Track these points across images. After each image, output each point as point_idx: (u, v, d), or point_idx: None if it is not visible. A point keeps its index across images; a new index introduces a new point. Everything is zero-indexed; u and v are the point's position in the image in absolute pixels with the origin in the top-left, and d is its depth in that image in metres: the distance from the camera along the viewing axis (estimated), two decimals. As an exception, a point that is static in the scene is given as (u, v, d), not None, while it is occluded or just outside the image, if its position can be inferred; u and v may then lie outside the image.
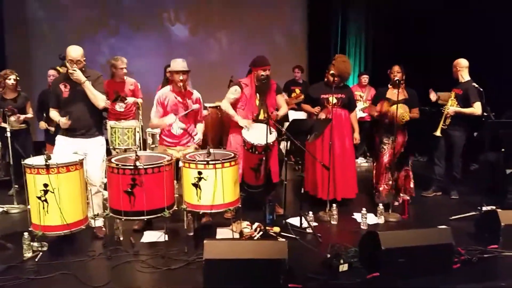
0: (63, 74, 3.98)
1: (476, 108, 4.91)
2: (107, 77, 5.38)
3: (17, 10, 8.10)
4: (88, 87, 3.93)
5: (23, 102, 5.39)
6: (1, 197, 5.17)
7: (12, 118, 5.08)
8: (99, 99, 4.01)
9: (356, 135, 4.96)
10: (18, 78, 5.33)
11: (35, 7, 8.28)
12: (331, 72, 4.66)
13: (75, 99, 3.97)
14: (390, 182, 4.72)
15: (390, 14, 7.98)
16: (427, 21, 7.33)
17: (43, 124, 5.51)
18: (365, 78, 7.26)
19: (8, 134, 4.83)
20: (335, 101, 4.74)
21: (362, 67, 8.99)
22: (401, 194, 4.79)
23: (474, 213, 4.47)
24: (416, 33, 7.44)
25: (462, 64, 5.07)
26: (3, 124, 5.05)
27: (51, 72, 5.45)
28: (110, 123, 5.54)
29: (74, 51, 3.90)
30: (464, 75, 5.07)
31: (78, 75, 3.87)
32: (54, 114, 4.07)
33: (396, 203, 4.74)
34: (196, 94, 4.42)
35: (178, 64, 4.23)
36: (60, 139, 4.05)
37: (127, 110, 5.56)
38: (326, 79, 4.84)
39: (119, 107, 5.46)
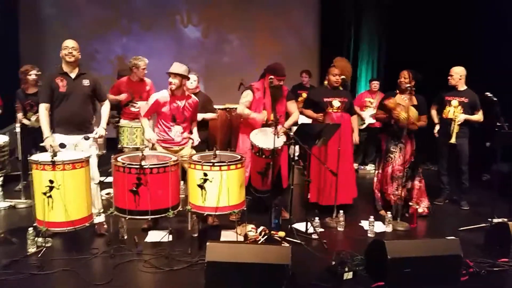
0: (59, 67, 3.96)
1: (481, 116, 5.04)
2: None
3: (31, 8, 8.21)
4: (105, 123, 4.17)
5: None
6: (9, 192, 5.19)
7: (33, 118, 5.07)
8: (109, 110, 4.31)
9: (355, 136, 4.90)
10: (39, 72, 5.28)
11: (48, 4, 8.39)
12: (337, 79, 4.61)
13: (72, 94, 3.95)
14: (397, 192, 4.62)
15: (404, 20, 7.89)
16: (440, 27, 7.25)
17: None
18: (375, 84, 7.19)
19: (18, 129, 4.85)
20: (338, 104, 4.68)
21: (374, 73, 8.91)
22: (410, 203, 4.69)
23: (484, 224, 4.37)
24: (430, 39, 7.36)
25: (464, 71, 5.07)
26: (24, 121, 5.06)
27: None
28: (121, 122, 5.56)
29: (69, 41, 3.95)
30: (464, 83, 5.10)
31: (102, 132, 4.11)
32: (43, 117, 3.92)
33: (407, 215, 4.64)
34: (194, 98, 4.33)
35: (173, 66, 4.13)
36: (56, 136, 3.97)
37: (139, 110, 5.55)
38: (327, 82, 4.78)
39: (134, 108, 5.46)
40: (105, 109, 4.20)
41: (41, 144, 3.95)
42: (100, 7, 8.51)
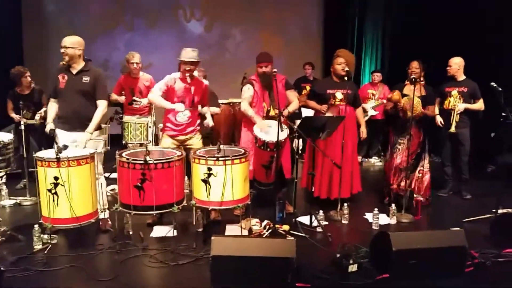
0: (66, 64, 3.95)
1: (481, 104, 5.05)
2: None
3: (34, 4, 8.21)
4: (93, 128, 3.94)
5: (38, 96, 5.42)
6: (13, 189, 5.22)
7: (37, 117, 5.14)
8: (104, 112, 4.03)
9: (363, 129, 4.87)
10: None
11: (50, 0, 8.38)
12: (343, 67, 4.58)
13: (70, 91, 3.93)
14: (403, 183, 4.62)
15: (408, 12, 7.84)
16: (444, 19, 7.20)
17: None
18: (375, 76, 7.16)
19: (22, 127, 4.87)
20: (341, 96, 4.64)
21: (378, 66, 8.88)
22: (415, 195, 4.68)
23: (489, 215, 4.36)
24: (433, 31, 7.31)
25: (462, 62, 5.09)
26: (21, 119, 5.08)
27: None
28: (125, 118, 5.59)
29: (64, 38, 3.90)
30: (462, 73, 5.11)
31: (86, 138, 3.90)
32: (51, 108, 4.04)
33: (414, 205, 4.63)
34: (202, 83, 4.39)
35: (187, 53, 4.16)
36: (58, 133, 3.93)
37: (143, 106, 5.57)
38: (335, 74, 4.70)
39: (136, 104, 5.48)
40: (97, 111, 3.97)
41: (46, 130, 3.97)
42: (103, 2, 8.51)
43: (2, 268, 3.12)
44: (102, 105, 4.00)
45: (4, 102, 5.42)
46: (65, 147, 3.62)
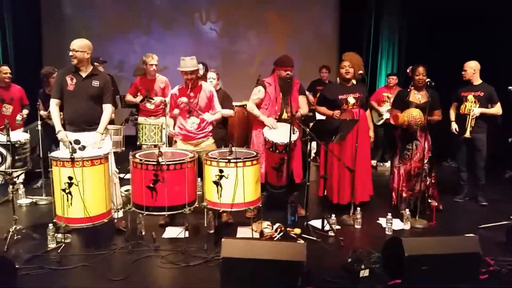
0: (73, 66, 3.97)
1: (499, 109, 4.95)
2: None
3: (53, 7, 8.37)
4: (103, 129, 4.01)
5: None
6: (30, 188, 5.31)
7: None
8: (111, 115, 4.15)
9: (371, 134, 4.84)
10: None
11: (69, 4, 8.54)
12: (347, 70, 4.56)
13: (79, 94, 3.97)
14: (417, 188, 4.56)
15: (425, 15, 7.75)
16: (461, 23, 7.10)
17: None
18: (392, 79, 7.10)
19: (39, 127, 4.95)
20: (353, 101, 4.60)
21: (395, 68, 8.79)
22: (429, 200, 4.62)
23: (505, 222, 4.27)
24: (451, 35, 7.22)
25: (478, 66, 4.99)
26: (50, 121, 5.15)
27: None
28: (139, 119, 5.64)
29: (74, 41, 3.94)
30: (478, 77, 5.01)
31: (98, 138, 3.97)
32: (54, 112, 4.02)
33: (428, 212, 4.57)
34: (207, 88, 4.37)
35: (186, 63, 4.17)
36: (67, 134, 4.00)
37: (157, 107, 5.62)
38: (340, 78, 4.70)
39: (149, 104, 5.53)
40: (104, 114, 4.04)
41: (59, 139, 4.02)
42: (120, 5, 8.62)
43: (16, 266, 3.19)
44: (109, 109, 4.08)
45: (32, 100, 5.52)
46: (84, 147, 3.67)
